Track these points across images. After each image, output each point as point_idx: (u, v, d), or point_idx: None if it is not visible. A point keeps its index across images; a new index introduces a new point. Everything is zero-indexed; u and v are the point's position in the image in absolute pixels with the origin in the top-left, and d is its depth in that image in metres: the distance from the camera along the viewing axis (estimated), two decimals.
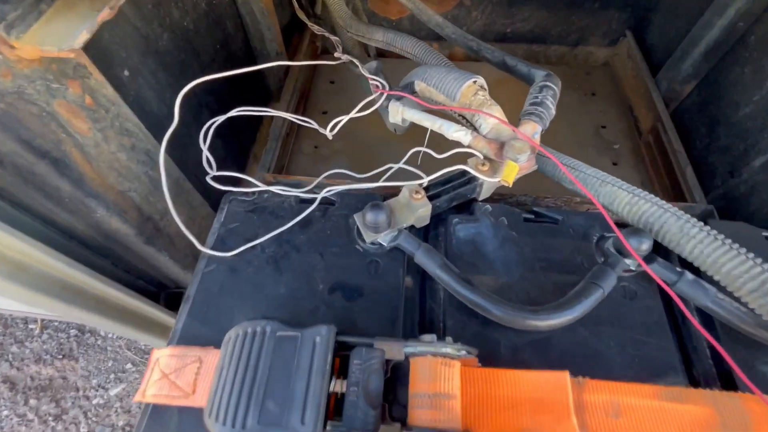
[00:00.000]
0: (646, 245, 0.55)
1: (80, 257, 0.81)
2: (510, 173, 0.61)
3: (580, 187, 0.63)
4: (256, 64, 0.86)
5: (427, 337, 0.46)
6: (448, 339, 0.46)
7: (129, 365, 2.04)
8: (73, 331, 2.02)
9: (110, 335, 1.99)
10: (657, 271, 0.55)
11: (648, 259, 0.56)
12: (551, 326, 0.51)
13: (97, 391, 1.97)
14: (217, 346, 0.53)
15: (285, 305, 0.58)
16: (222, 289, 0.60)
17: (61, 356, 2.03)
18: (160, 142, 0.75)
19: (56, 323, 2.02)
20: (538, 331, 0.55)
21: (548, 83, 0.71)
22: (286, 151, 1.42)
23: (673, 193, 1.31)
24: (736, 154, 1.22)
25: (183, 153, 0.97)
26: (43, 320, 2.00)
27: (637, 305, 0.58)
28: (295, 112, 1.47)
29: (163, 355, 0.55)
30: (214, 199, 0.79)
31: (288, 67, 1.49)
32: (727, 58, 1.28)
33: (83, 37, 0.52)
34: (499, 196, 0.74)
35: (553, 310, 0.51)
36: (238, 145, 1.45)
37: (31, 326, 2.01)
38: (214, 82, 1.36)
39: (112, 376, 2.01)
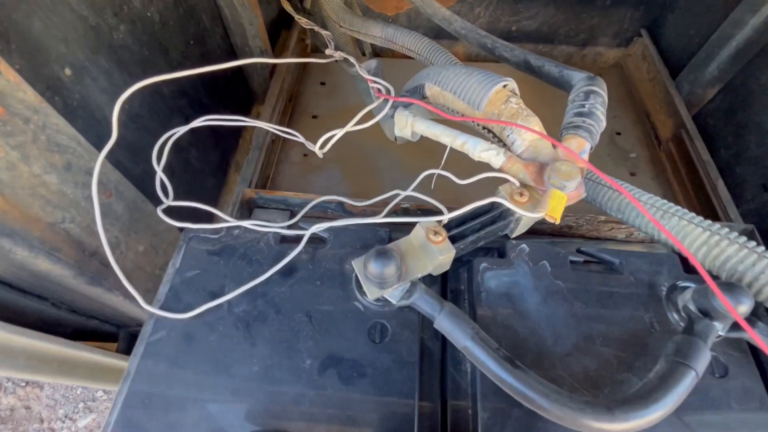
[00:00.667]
0: (745, 306, 0.41)
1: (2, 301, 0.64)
2: (557, 206, 0.46)
3: (663, 231, 0.48)
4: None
5: None
6: None
7: (100, 393, 1.85)
8: None
9: None
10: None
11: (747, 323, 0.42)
12: (633, 429, 0.37)
13: (63, 422, 1.78)
14: None
15: (258, 391, 0.42)
16: (172, 368, 0.44)
17: (24, 383, 1.83)
18: (107, 157, 0.58)
19: None
20: None
21: (594, 88, 0.57)
22: (271, 160, 1.26)
23: (702, 208, 1.19)
24: None
25: (148, 167, 0.81)
26: None
27: (730, 386, 0.44)
28: (282, 116, 1.31)
29: None
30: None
31: (274, 66, 1.33)
32: (759, 60, 1.17)
33: None
34: None
35: (634, 407, 0.36)
36: (219, 153, 1.28)
37: None
38: (187, 83, 1.18)
39: (80, 405, 1.82)
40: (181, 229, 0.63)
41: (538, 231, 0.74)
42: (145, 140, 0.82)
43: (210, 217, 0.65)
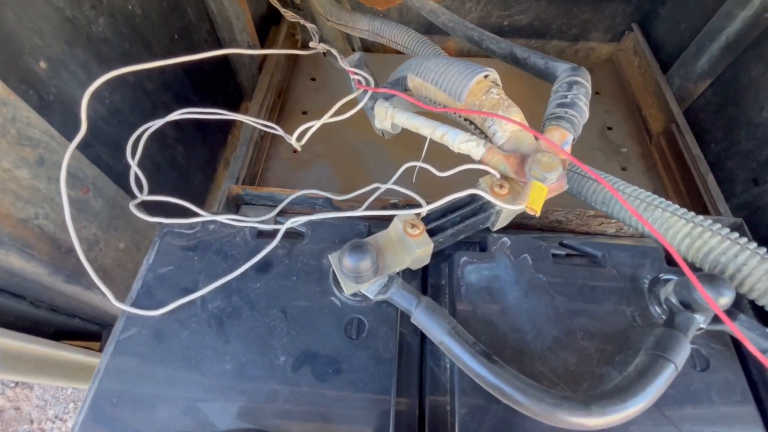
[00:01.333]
0: (726, 298, 0.40)
1: None
2: (537, 198, 0.46)
3: (643, 222, 0.47)
4: (224, 57, 0.69)
5: None
6: None
7: None
8: None
9: None
10: (747, 336, 0.40)
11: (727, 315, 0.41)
12: (611, 424, 0.36)
13: (53, 423, 1.76)
14: None
15: (231, 389, 0.41)
16: (143, 366, 0.43)
17: (13, 384, 1.81)
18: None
19: None
20: None
21: (578, 78, 0.56)
22: (260, 156, 1.24)
23: (692, 203, 1.18)
24: (761, 159, 1.10)
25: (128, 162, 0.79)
26: None
27: (711, 379, 0.43)
28: (271, 112, 1.29)
29: None
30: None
31: (262, 63, 1.31)
32: (749, 54, 1.17)
33: None
34: None
35: (612, 401, 0.36)
36: (206, 150, 1.26)
37: None
38: (173, 79, 1.16)
39: (71, 405, 1.81)
40: (177, 214, 0.61)
41: (527, 226, 0.73)
42: (127, 136, 0.81)
43: (194, 215, 0.63)
